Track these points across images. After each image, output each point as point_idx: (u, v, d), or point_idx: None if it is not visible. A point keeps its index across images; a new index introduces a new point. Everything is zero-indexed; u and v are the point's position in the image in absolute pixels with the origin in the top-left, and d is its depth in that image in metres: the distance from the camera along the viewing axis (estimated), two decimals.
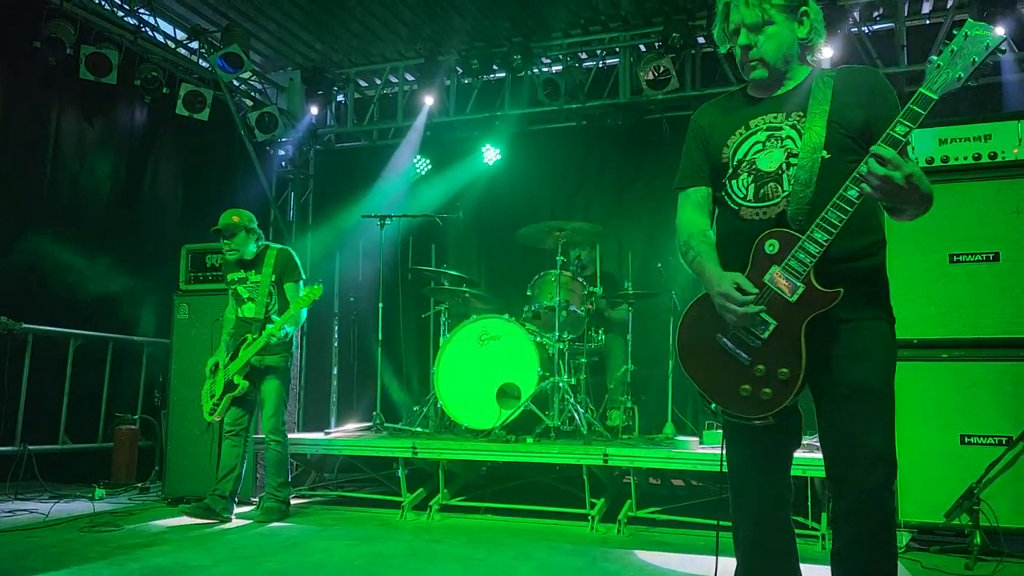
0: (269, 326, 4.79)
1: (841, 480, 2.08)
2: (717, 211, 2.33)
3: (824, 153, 2.09)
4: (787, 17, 2.17)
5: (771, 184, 2.15)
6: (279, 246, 5.09)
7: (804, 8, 2.20)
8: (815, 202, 2.06)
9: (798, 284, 2.05)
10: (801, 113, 2.16)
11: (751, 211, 2.18)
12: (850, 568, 2.08)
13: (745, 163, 2.20)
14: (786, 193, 2.12)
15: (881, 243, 2.19)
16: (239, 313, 5.00)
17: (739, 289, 2.07)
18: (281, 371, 4.93)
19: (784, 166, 2.14)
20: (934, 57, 1.98)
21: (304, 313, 5.01)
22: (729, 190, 2.23)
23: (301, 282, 5.05)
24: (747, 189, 2.19)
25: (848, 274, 2.07)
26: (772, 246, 2.11)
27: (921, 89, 1.96)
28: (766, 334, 2.08)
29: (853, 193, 1.99)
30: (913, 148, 4.20)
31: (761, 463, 2.26)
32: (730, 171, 2.23)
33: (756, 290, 2.07)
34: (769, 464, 2.26)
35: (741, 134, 2.24)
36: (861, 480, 2.03)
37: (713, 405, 2.18)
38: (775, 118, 2.20)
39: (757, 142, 2.20)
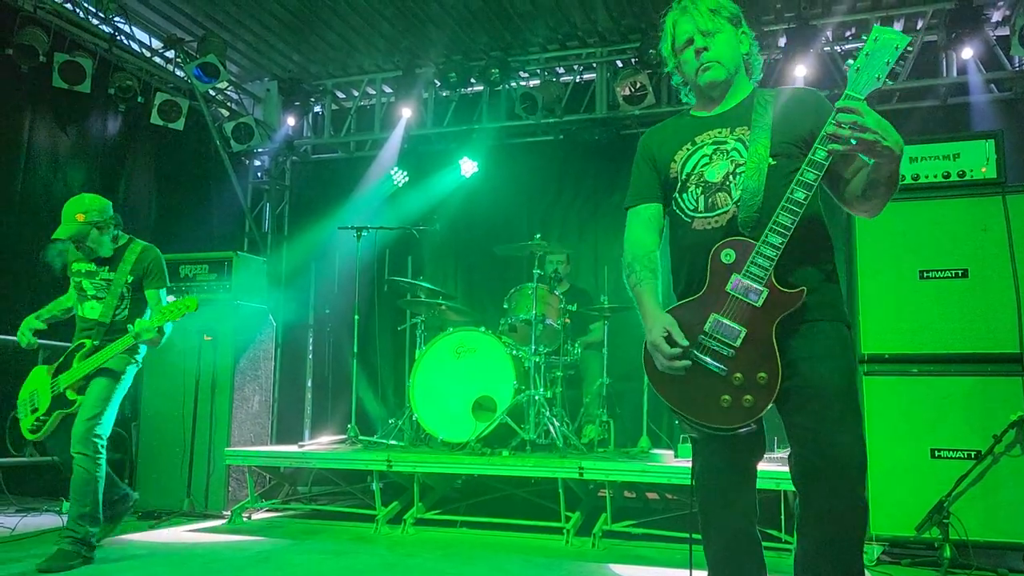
0: (138, 322, 3.89)
1: (813, 481, 2.08)
2: (669, 225, 2.38)
3: (771, 160, 2.17)
4: (733, 30, 2.29)
5: (719, 194, 2.21)
6: (143, 243, 4.23)
7: (743, 28, 2.32)
8: (763, 208, 2.12)
9: (761, 288, 2.08)
10: (745, 127, 2.24)
11: (702, 221, 2.23)
12: (822, 569, 2.09)
13: (694, 175, 2.27)
14: (735, 200, 2.17)
15: (831, 250, 2.25)
16: (79, 311, 4.14)
17: (668, 339, 2.12)
18: (115, 372, 4.00)
19: (731, 176, 2.20)
20: (851, 62, 2.09)
21: (170, 327, 4.00)
22: (680, 203, 2.29)
23: (164, 290, 4.21)
24: (697, 200, 2.25)
25: (805, 279, 2.13)
26: (728, 255, 2.14)
27: (847, 91, 2.02)
28: (738, 342, 2.09)
29: (800, 195, 2.05)
30: None
31: (734, 475, 2.27)
32: (679, 184, 2.29)
33: (686, 342, 2.10)
34: (741, 476, 2.28)
35: (688, 149, 2.30)
36: (830, 480, 2.04)
37: (689, 420, 2.15)
38: (719, 132, 2.28)
39: (704, 155, 2.27)
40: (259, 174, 8.46)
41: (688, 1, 2.30)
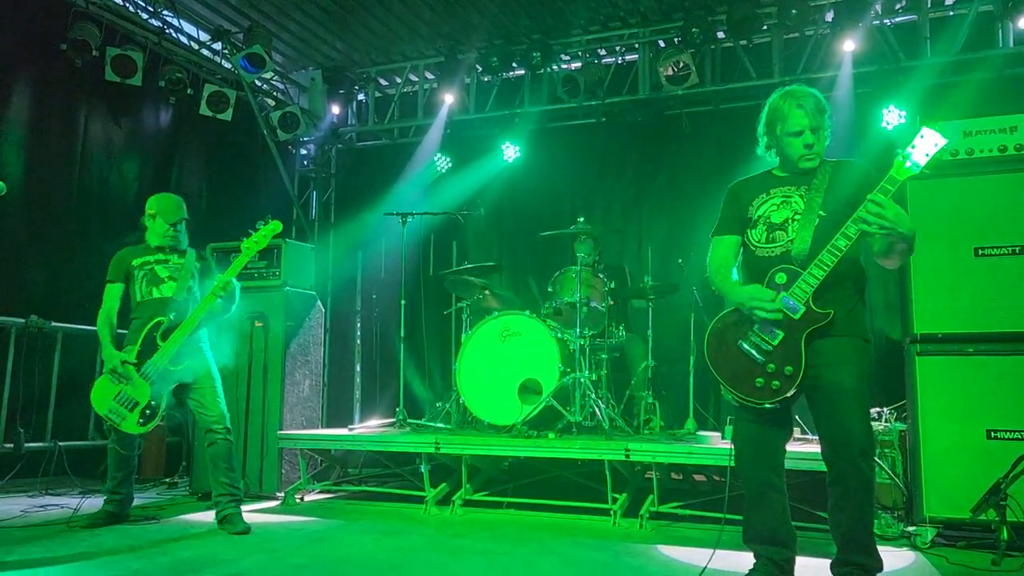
0: (219, 276, 4.27)
1: (830, 455, 2.82)
2: (742, 252, 3.09)
3: (821, 212, 2.87)
4: (830, 126, 2.99)
5: (778, 231, 2.94)
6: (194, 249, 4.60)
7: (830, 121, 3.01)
8: (812, 247, 2.81)
9: (800, 306, 2.77)
10: (807, 187, 2.96)
11: (763, 249, 2.96)
12: (840, 519, 2.81)
13: (763, 218, 3.00)
14: (789, 239, 2.88)
15: (861, 287, 2.95)
16: (154, 294, 4.37)
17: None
18: (207, 362, 4.44)
19: (789, 220, 2.93)
20: (900, 150, 2.71)
21: (237, 290, 4.39)
22: (749, 236, 3.04)
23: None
24: (762, 235, 2.98)
25: (836, 304, 2.80)
26: (781, 277, 2.84)
27: (891, 172, 2.69)
28: (776, 341, 2.80)
29: (841, 243, 2.72)
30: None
31: (762, 441, 2.96)
32: (751, 222, 3.03)
33: (771, 293, 2.81)
34: (767, 442, 2.96)
35: (763, 198, 3.04)
36: (843, 455, 2.76)
37: (730, 391, 2.88)
38: (788, 190, 3.01)
39: (773, 203, 3.01)
40: (305, 162, 8.59)
41: (801, 95, 2.93)
